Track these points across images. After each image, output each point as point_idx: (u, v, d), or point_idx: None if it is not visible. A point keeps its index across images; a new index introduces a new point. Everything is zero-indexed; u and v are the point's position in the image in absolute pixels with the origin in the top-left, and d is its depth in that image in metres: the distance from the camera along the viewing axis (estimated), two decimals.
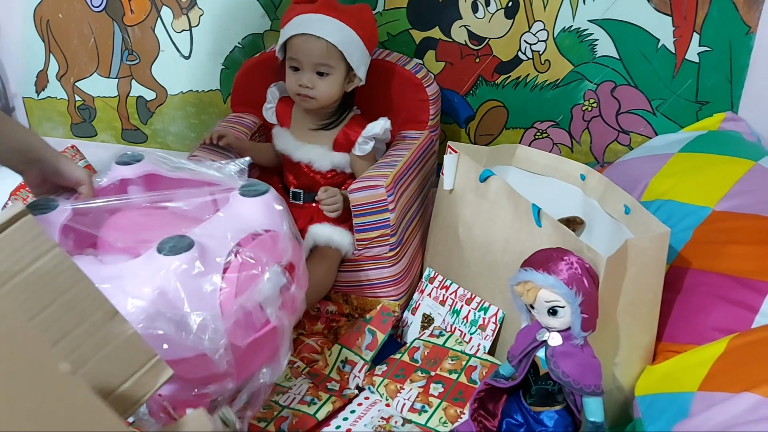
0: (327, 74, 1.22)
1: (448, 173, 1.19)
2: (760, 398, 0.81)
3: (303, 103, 1.26)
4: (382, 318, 1.17)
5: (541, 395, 0.91)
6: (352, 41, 1.23)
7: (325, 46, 1.20)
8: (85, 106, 1.78)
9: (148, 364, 0.68)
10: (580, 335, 0.87)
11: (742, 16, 1.33)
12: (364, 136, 1.26)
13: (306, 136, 1.31)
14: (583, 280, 0.86)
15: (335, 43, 1.20)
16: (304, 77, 1.22)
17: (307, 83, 1.22)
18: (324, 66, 1.21)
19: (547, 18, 1.42)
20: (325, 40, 1.20)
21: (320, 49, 1.20)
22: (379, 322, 1.15)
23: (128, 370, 0.67)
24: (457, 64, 1.50)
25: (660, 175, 1.30)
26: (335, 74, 1.23)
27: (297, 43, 1.21)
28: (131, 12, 1.63)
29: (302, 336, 1.17)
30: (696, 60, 1.38)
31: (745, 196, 1.15)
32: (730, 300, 1.00)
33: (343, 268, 1.23)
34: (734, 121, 1.39)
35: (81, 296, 0.65)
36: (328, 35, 1.20)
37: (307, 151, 1.29)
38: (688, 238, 1.13)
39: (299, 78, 1.23)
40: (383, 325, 1.14)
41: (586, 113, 1.49)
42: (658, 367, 0.99)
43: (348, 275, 1.23)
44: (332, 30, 1.21)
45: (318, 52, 1.20)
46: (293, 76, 1.24)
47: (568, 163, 1.20)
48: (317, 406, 1.01)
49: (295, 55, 1.23)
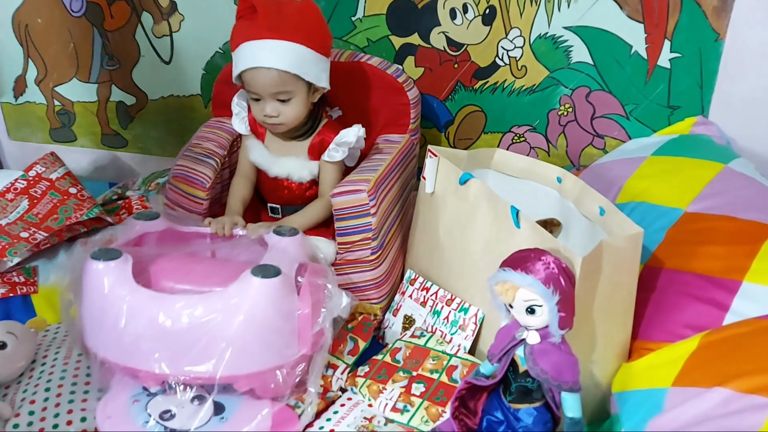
0: (288, 99, 1.19)
1: (429, 177, 1.21)
2: (731, 392, 0.85)
3: (272, 129, 1.25)
4: (364, 327, 1.19)
5: (520, 392, 0.93)
6: (305, 58, 1.17)
7: (277, 75, 1.16)
8: (64, 111, 1.78)
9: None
10: (558, 333, 0.89)
11: (711, 23, 1.37)
12: (336, 143, 1.24)
13: (281, 148, 1.29)
14: (559, 279, 0.88)
15: (287, 69, 1.16)
16: (267, 107, 1.20)
17: (272, 113, 1.20)
18: (283, 93, 1.18)
19: (524, 25, 1.45)
20: (276, 69, 1.15)
21: (274, 80, 1.16)
22: (360, 331, 1.17)
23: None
24: (436, 69, 1.52)
25: (634, 177, 1.33)
26: (297, 95, 1.20)
27: (249, 77, 1.18)
28: (111, 17, 1.64)
29: None
30: (667, 66, 1.42)
31: (716, 197, 1.18)
32: (702, 299, 1.04)
33: None
34: (705, 125, 1.43)
35: None
36: (278, 63, 1.15)
37: (283, 164, 1.27)
38: (661, 239, 1.16)
39: (262, 108, 1.20)
40: (365, 333, 1.17)
41: (562, 118, 1.52)
42: (633, 364, 1.02)
43: None
44: (281, 56, 1.15)
45: (272, 82, 1.16)
46: (256, 106, 1.22)
47: (545, 166, 1.23)
48: (300, 409, 1.02)
49: (251, 88, 1.19)
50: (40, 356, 1.13)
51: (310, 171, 1.28)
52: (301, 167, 1.27)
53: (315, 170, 1.28)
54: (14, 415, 1.02)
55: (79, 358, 1.12)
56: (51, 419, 1.01)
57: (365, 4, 1.49)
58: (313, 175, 1.28)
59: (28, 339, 1.12)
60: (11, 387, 1.08)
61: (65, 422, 1.01)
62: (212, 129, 1.43)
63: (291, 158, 1.28)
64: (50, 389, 1.06)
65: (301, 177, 1.28)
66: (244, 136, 1.34)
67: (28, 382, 1.08)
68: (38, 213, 1.46)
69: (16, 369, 1.09)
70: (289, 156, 1.28)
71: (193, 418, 0.97)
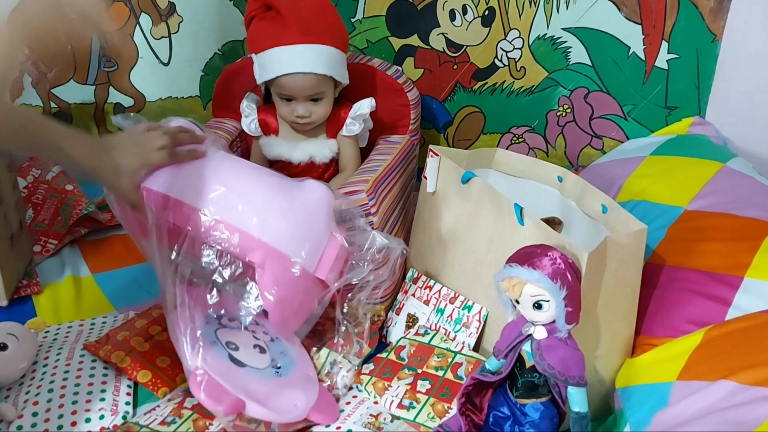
0: (321, 99, 1.25)
1: (431, 176, 1.21)
2: (736, 385, 0.85)
3: (301, 128, 1.29)
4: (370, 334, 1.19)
5: (527, 388, 0.94)
6: (334, 59, 1.24)
7: (314, 79, 1.22)
8: (61, 113, 1.77)
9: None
10: (565, 328, 0.89)
11: (708, 24, 1.39)
12: (352, 117, 1.29)
13: (299, 135, 1.33)
14: (566, 275, 0.89)
15: (323, 72, 1.22)
16: (300, 108, 1.25)
17: (304, 113, 1.25)
18: (317, 94, 1.24)
19: (523, 26, 1.46)
20: (314, 73, 1.21)
21: (311, 83, 1.22)
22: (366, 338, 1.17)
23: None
24: (435, 70, 1.53)
25: (633, 177, 1.34)
26: (328, 95, 1.26)
27: (285, 82, 1.22)
28: (109, 18, 1.63)
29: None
30: (665, 67, 1.44)
31: (716, 195, 1.20)
32: (704, 294, 1.04)
33: None
34: (702, 125, 1.45)
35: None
36: (315, 68, 1.21)
37: (305, 148, 1.31)
38: (662, 237, 1.17)
39: (294, 109, 1.26)
40: (370, 340, 1.17)
41: (561, 118, 1.53)
42: (637, 359, 1.03)
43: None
44: (316, 60, 1.21)
45: (309, 85, 1.22)
46: (286, 107, 1.27)
47: (546, 165, 1.24)
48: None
49: (285, 91, 1.24)
50: (41, 357, 1.12)
51: (331, 149, 1.32)
52: (322, 147, 1.32)
53: (335, 147, 1.32)
54: (18, 416, 1.01)
55: (81, 359, 1.11)
56: (55, 420, 1.00)
57: (365, 6, 1.50)
58: (333, 153, 1.33)
59: (28, 340, 1.11)
60: (13, 389, 1.07)
61: (70, 423, 1.00)
62: (212, 129, 1.42)
63: (311, 141, 1.32)
64: (53, 390, 1.05)
65: (324, 156, 1.32)
66: (256, 138, 1.37)
67: (30, 383, 1.07)
68: (44, 219, 1.47)
69: (17, 370, 1.08)
70: (309, 139, 1.32)
71: (253, 358, 1.04)
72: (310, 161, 1.32)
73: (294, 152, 1.32)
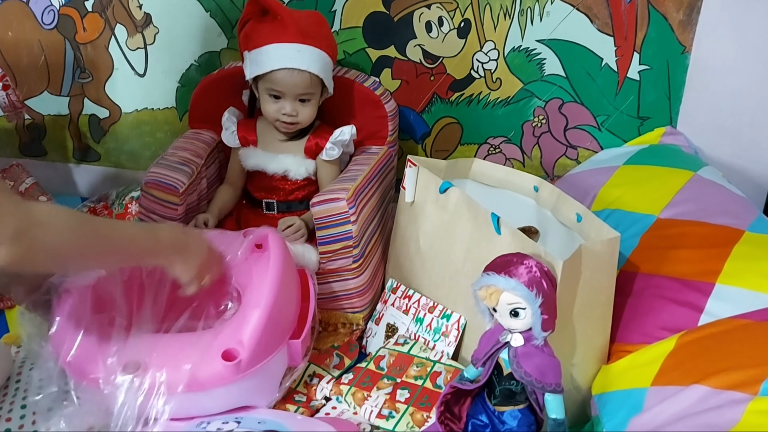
0: (308, 100, 1.27)
1: (409, 186, 1.22)
2: (708, 389, 0.87)
3: (285, 128, 1.30)
4: (350, 347, 1.20)
5: (504, 395, 0.94)
6: (327, 66, 1.28)
7: (309, 77, 1.24)
8: (34, 125, 1.75)
9: None
10: (541, 335, 0.90)
11: (677, 36, 1.42)
12: (332, 142, 1.30)
13: (277, 147, 1.34)
14: (542, 282, 0.90)
15: (317, 73, 1.24)
16: (287, 106, 1.26)
17: (291, 112, 1.26)
18: (306, 94, 1.26)
19: (498, 38, 1.48)
20: (309, 72, 1.23)
21: (305, 81, 1.24)
22: (347, 350, 1.18)
23: None
24: (412, 82, 1.54)
25: (607, 186, 1.36)
26: (315, 98, 1.28)
27: (280, 76, 1.24)
28: (84, 30, 1.62)
29: None
30: (637, 78, 1.46)
31: (687, 204, 1.22)
32: (677, 301, 1.06)
33: None
34: (673, 135, 1.48)
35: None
36: (311, 67, 1.24)
37: (281, 161, 1.33)
38: (635, 245, 1.19)
39: (282, 107, 1.27)
40: (350, 353, 1.18)
41: (536, 129, 1.55)
42: (612, 366, 1.04)
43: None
44: (313, 61, 1.24)
45: (303, 84, 1.24)
46: (274, 104, 1.27)
47: (522, 175, 1.25)
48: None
49: (277, 87, 1.25)
50: (14, 373, 1.10)
51: (307, 169, 1.33)
52: (298, 164, 1.33)
53: (311, 168, 1.33)
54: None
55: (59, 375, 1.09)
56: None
57: (341, 17, 1.51)
58: (308, 173, 1.33)
59: (3, 356, 1.09)
60: None
61: None
62: (189, 140, 1.42)
63: (288, 156, 1.33)
64: (26, 406, 1.03)
65: (298, 174, 1.33)
66: (234, 149, 1.38)
67: (3, 399, 1.05)
68: None
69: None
70: (286, 153, 1.33)
71: None
72: (284, 174, 1.33)
73: (270, 163, 1.33)
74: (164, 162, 1.32)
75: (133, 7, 1.58)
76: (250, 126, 1.36)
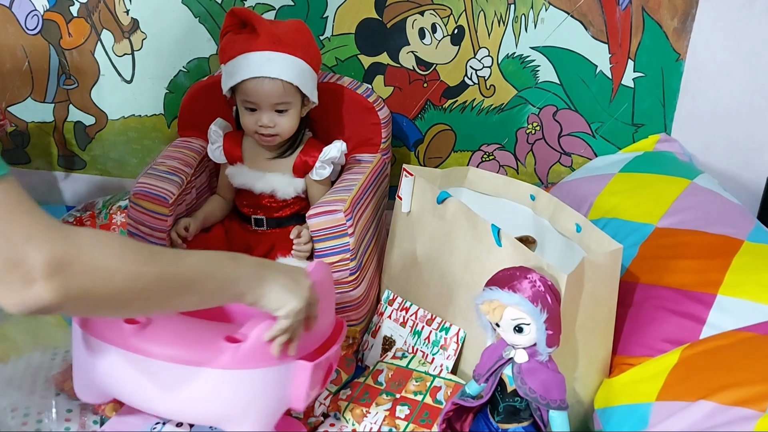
0: (286, 110, 1.22)
1: (405, 196, 1.20)
2: (716, 405, 0.86)
3: (264, 141, 1.25)
4: (347, 362, 1.17)
5: (508, 412, 0.93)
6: (304, 73, 1.22)
7: (281, 85, 1.19)
8: (18, 132, 1.71)
9: None
10: (546, 351, 0.89)
11: (672, 44, 1.42)
12: (322, 161, 1.26)
13: (264, 165, 1.29)
14: (546, 297, 0.89)
15: (290, 80, 1.19)
16: (264, 118, 1.21)
17: (268, 123, 1.21)
18: (282, 104, 1.21)
19: (492, 45, 1.46)
20: (281, 80, 1.18)
21: (277, 90, 1.19)
22: (343, 365, 1.15)
23: None
24: (405, 88, 1.53)
25: (603, 194, 1.35)
26: (293, 108, 1.23)
27: (251, 86, 1.19)
28: (69, 35, 1.58)
29: None
30: (631, 85, 1.46)
31: (685, 212, 1.21)
32: (678, 312, 1.05)
33: None
34: (668, 142, 1.47)
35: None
36: (283, 74, 1.18)
37: (268, 180, 1.28)
38: (634, 254, 1.18)
39: (258, 118, 1.22)
40: (347, 367, 1.15)
41: (530, 136, 1.54)
42: (615, 379, 1.03)
43: None
44: (285, 68, 1.19)
45: (276, 93, 1.19)
46: (250, 117, 1.22)
47: (518, 184, 1.24)
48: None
49: (250, 98, 1.20)
50: None
51: (295, 188, 1.28)
52: (286, 184, 1.28)
53: (300, 187, 1.29)
54: None
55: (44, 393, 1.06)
56: None
57: (333, 24, 1.49)
58: (297, 192, 1.29)
59: None
60: None
61: None
62: (178, 148, 1.39)
63: (276, 174, 1.28)
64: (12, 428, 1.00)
65: (286, 194, 1.28)
66: (226, 171, 1.33)
67: None
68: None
69: None
70: (274, 172, 1.28)
71: None
72: (272, 193, 1.28)
73: (257, 182, 1.28)
74: (153, 172, 1.28)
75: (120, 12, 1.54)
76: (237, 140, 1.31)
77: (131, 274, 0.67)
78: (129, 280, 0.67)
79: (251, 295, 0.80)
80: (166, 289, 0.72)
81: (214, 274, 0.76)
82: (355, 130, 1.39)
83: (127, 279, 0.67)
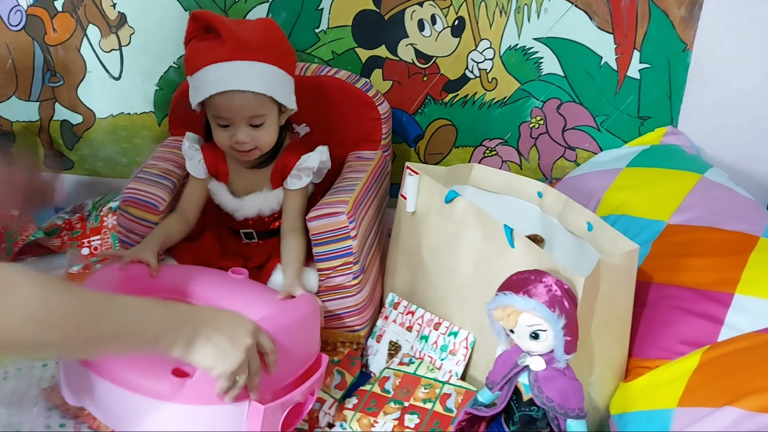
0: (262, 123, 1.11)
1: (410, 195, 1.16)
2: (742, 411, 0.82)
3: (242, 157, 1.15)
4: (351, 361, 1.13)
5: (525, 422, 0.89)
6: (278, 80, 1.11)
7: (253, 98, 1.08)
8: (2, 132, 1.65)
9: None
10: (563, 358, 0.85)
11: (679, 34, 1.38)
12: (297, 169, 1.16)
13: (245, 184, 1.20)
14: (563, 302, 0.85)
15: (262, 91, 1.08)
16: (239, 133, 1.10)
17: (245, 139, 1.10)
18: (257, 117, 1.10)
19: (493, 36, 1.42)
20: (252, 92, 1.08)
21: (249, 103, 1.08)
22: (347, 365, 1.11)
23: None
24: (404, 82, 1.48)
25: (611, 190, 1.32)
26: (270, 119, 1.12)
27: (221, 101, 1.08)
28: (54, 31, 1.52)
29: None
30: (637, 77, 1.42)
31: (697, 208, 1.18)
32: (695, 312, 1.02)
33: None
34: (675, 135, 1.44)
35: None
36: (254, 86, 1.07)
37: (250, 205, 1.19)
38: (647, 252, 1.14)
39: (232, 134, 1.11)
40: (352, 367, 1.11)
41: (534, 130, 1.50)
42: (632, 384, 0.99)
43: None
44: (255, 77, 1.08)
45: (248, 106, 1.08)
46: (224, 133, 1.11)
47: (525, 180, 1.20)
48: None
49: (221, 114, 1.10)
50: None
51: (279, 200, 1.20)
52: (269, 201, 1.19)
53: (282, 196, 1.20)
54: None
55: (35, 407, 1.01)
56: None
57: (329, 16, 1.44)
58: (281, 203, 1.20)
59: None
60: None
61: None
62: (169, 149, 1.34)
63: (256, 195, 1.19)
64: None
65: (271, 209, 1.20)
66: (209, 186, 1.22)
67: None
68: None
69: None
70: (254, 193, 1.19)
71: None
72: (257, 216, 1.20)
73: (239, 210, 1.19)
74: (143, 176, 1.23)
75: (107, 6, 1.48)
76: (219, 154, 1.19)
77: (46, 325, 0.65)
78: (42, 331, 0.65)
79: (178, 351, 0.77)
80: (83, 340, 0.70)
81: (134, 329, 0.74)
82: (354, 126, 1.35)
83: (41, 330, 0.65)
